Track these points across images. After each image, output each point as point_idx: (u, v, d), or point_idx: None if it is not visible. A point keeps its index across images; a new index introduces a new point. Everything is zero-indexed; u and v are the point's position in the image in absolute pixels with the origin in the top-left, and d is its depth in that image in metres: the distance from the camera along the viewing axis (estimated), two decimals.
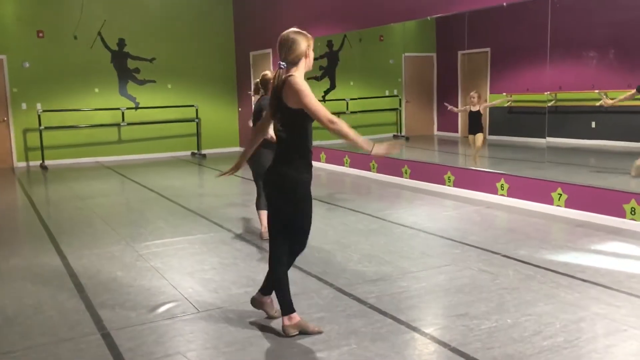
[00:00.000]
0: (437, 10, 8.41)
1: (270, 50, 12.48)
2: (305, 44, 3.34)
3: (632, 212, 5.66)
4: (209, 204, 7.60)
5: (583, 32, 10.80)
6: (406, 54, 14.86)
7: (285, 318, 3.42)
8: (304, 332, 3.41)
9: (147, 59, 12.80)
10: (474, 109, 8.68)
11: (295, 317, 3.42)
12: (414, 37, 14.77)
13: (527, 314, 3.67)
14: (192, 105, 13.13)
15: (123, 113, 12.59)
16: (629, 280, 4.24)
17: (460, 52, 14.33)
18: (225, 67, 13.72)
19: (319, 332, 3.43)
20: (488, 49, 13.55)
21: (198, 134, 13.28)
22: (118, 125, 12.63)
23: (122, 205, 7.84)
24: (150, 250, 5.38)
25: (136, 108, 12.79)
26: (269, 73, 5.44)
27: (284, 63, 3.30)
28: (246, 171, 10.03)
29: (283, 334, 3.41)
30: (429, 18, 9.93)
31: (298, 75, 3.27)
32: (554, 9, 7.89)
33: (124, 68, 12.66)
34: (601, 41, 11.16)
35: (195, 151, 13.26)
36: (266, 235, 5.44)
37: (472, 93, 8.78)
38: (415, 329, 3.50)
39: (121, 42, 12.58)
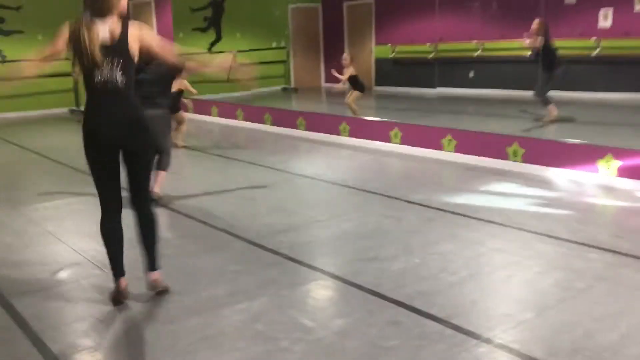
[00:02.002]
0: None
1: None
2: None
3: (515, 155, 6.10)
4: None
5: None
6: (291, 6, 14.74)
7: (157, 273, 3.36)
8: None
9: (12, 7, 11.64)
10: (346, 70, 8.61)
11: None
12: None
13: (432, 253, 3.88)
14: (67, 59, 12.17)
15: None
16: (518, 216, 4.60)
17: (345, 4, 14.46)
18: None
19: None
20: (372, 1, 13.76)
21: (75, 90, 12.40)
22: None
23: (0, 167, 7.23)
24: (40, 213, 5.03)
25: (3, 61, 11.68)
26: None
27: None
28: None
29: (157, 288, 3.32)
30: None
31: None
32: None
33: None
34: None
35: (74, 108, 12.41)
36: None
37: (344, 55, 8.83)
38: (330, 275, 3.58)
39: None
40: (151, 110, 5.16)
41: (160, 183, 5.36)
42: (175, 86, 7.74)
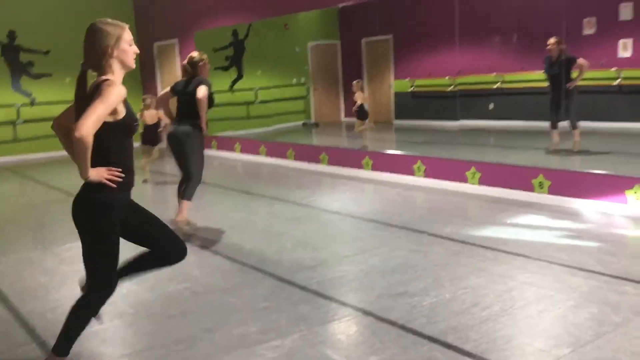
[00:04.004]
0: None
1: (176, 40, 12.14)
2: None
3: (540, 186, 6.07)
4: None
5: (481, 19, 11.36)
6: (311, 43, 15.01)
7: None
8: None
9: (41, 52, 12.03)
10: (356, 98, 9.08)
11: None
12: (318, 25, 14.91)
13: (462, 287, 3.86)
14: None
15: (18, 110, 11.79)
16: (546, 249, 4.56)
17: (364, 40, 14.68)
18: None
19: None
20: (390, 36, 13.96)
21: None
22: (13, 123, 11.81)
23: (30, 208, 7.36)
24: (72, 252, 5.10)
25: (32, 104, 12.02)
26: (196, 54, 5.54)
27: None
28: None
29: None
30: (339, 6, 10.03)
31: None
32: None
33: (16, 62, 11.83)
34: (499, 28, 11.78)
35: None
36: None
37: (354, 82, 9.26)
38: (361, 310, 3.58)
39: (11, 34, 11.73)
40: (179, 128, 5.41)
41: (183, 212, 5.43)
42: (150, 118, 8.06)
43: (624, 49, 9.99)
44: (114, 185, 2.76)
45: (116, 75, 2.73)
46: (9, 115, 11.76)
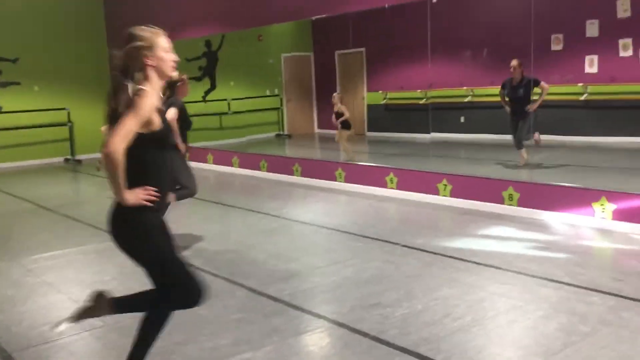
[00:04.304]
0: (319, 11, 8.57)
1: None
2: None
3: (510, 199, 6.17)
4: (95, 212, 7.18)
5: (453, 34, 11.53)
6: (285, 54, 15.06)
7: None
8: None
9: (9, 59, 11.81)
10: (335, 108, 9.29)
11: None
12: (291, 37, 14.97)
13: (434, 298, 3.89)
14: (64, 108, 12.31)
15: None
16: (517, 260, 4.63)
17: (337, 52, 14.78)
18: (99, 67, 12.97)
19: None
20: (363, 49, 14.09)
21: (71, 139, 12.48)
22: None
23: None
24: (39, 264, 5.00)
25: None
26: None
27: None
28: None
29: None
30: (313, 19, 10.09)
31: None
32: (433, 12, 8.35)
33: None
34: (470, 42, 11.98)
35: (69, 157, 12.47)
36: None
37: (334, 94, 9.49)
38: (334, 322, 3.57)
39: None
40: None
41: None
42: None
43: (590, 65, 10.25)
44: (152, 205, 2.56)
45: (153, 84, 2.57)
46: None
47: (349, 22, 12.80)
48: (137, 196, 2.50)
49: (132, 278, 4.54)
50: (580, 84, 10.20)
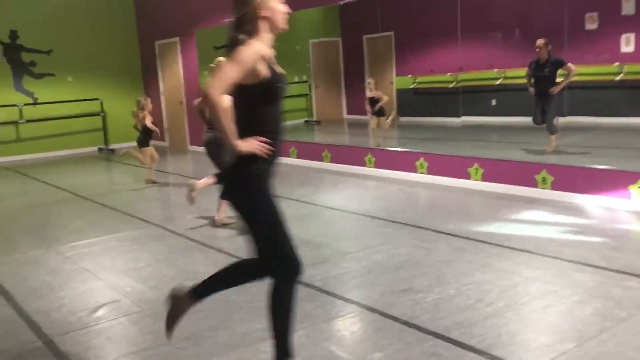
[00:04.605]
0: None
1: (177, 39, 12.13)
2: None
3: (544, 182, 6.07)
4: (129, 200, 7.33)
5: (483, 15, 11.33)
6: (313, 40, 15.00)
7: None
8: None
9: (43, 51, 12.04)
10: (370, 94, 9.25)
11: None
12: (319, 23, 14.89)
13: (467, 283, 3.86)
14: (97, 99, 12.53)
15: (21, 110, 11.81)
16: (551, 245, 4.56)
17: (365, 37, 14.66)
18: (130, 58, 13.17)
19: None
20: (392, 33, 13.94)
21: (104, 129, 12.71)
22: (15, 122, 11.83)
23: (34, 207, 7.38)
24: (76, 251, 5.12)
25: (35, 104, 12.03)
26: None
27: None
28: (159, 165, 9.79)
29: None
30: (340, 4, 10.04)
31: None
32: None
33: (19, 61, 11.84)
34: (501, 24, 11.75)
35: (102, 146, 12.70)
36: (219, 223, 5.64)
37: (368, 79, 9.44)
38: (365, 307, 3.58)
39: (13, 34, 11.75)
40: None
41: (221, 211, 5.63)
42: (146, 119, 8.00)
43: (627, 44, 9.96)
44: (265, 156, 2.49)
45: (262, 37, 2.50)
46: (11, 115, 11.78)
47: (377, 6, 12.67)
48: (250, 144, 2.44)
49: (166, 264, 4.64)
50: (616, 64, 9.93)
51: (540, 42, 7.96)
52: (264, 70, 2.44)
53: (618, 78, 9.98)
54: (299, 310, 3.54)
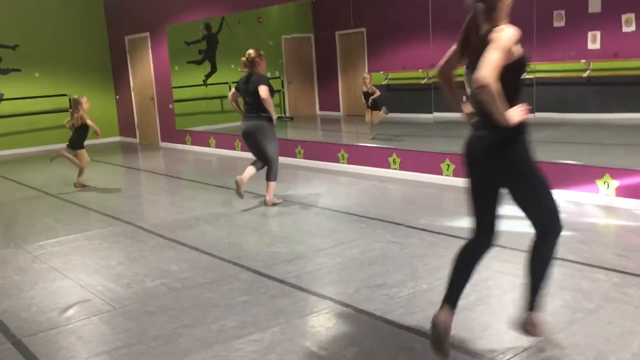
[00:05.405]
0: None
1: (147, 34, 11.97)
2: None
3: None
4: (99, 198, 7.22)
5: (453, 12, 11.41)
6: (285, 36, 14.95)
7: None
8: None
9: (9, 46, 11.76)
10: (365, 89, 9.34)
11: None
12: (291, 19, 14.85)
13: (439, 278, 3.90)
14: (65, 95, 12.29)
15: None
16: (521, 239, 4.60)
17: (337, 32, 14.66)
18: (99, 53, 12.96)
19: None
20: (364, 29, 13.98)
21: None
22: None
23: (1, 206, 7.21)
24: (46, 250, 5.03)
25: (0, 100, 11.75)
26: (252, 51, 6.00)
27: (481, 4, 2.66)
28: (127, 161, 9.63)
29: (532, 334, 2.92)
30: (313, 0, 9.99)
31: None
32: None
33: None
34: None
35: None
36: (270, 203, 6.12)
37: (364, 75, 9.59)
38: (339, 303, 3.60)
39: None
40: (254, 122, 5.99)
41: (270, 193, 6.15)
42: (81, 118, 7.45)
43: (593, 41, 10.16)
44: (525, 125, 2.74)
45: (503, 22, 2.64)
46: None
47: (349, 2, 12.69)
48: (517, 114, 2.63)
49: (138, 262, 4.58)
50: (583, 61, 10.12)
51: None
52: (518, 50, 2.64)
53: (585, 75, 10.17)
54: (273, 307, 3.56)
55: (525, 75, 2.91)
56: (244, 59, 6.10)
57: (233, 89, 6.30)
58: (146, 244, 5.07)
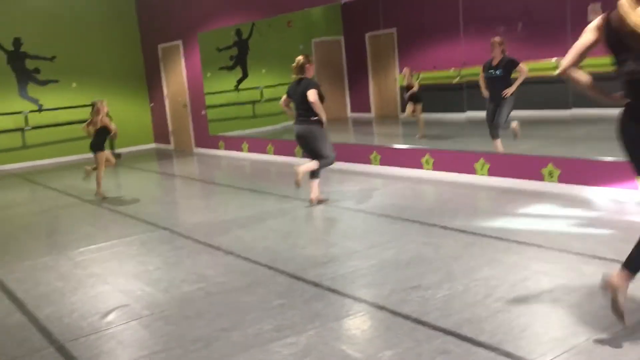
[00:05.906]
0: None
1: (180, 42, 12.16)
2: None
3: (550, 175, 6.05)
4: (135, 204, 7.36)
5: (484, 9, 11.29)
6: (315, 39, 15.00)
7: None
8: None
9: (47, 58, 12.10)
10: (405, 83, 9.44)
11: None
12: (321, 22, 14.89)
13: (475, 279, 3.86)
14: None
15: (26, 117, 11.87)
16: (559, 238, 4.55)
17: (367, 34, 14.64)
18: (133, 62, 13.23)
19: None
20: (394, 30, 13.92)
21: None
22: (22, 129, 11.90)
23: (43, 213, 7.42)
24: (86, 256, 5.15)
25: (40, 110, 12.09)
26: (301, 58, 6.27)
27: None
28: (170, 167, 9.80)
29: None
30: (342, 2, 10.04)
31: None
32: None
33: (23, 69, 11.90)
34: (503, 17, 11.71)
35: (109, 151, 12.73)
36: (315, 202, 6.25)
37: (404, 69, 9.64)
38: (375, 305, 3.59)
39: (17, 42, 11.80)
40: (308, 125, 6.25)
41: (315, 190, 6.31)
42: (101, 122, 7.65)
43: None
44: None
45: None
46: (17, 123, 11.85)
47: (379, 3, 12.65)
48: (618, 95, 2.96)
49: (175, 267, 4.65)
50: None
51: (494, 40, 7.77)
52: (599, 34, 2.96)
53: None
54: (308, 310, 3.57)
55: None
56: (294, 65, 6.37)
57: (284, 95, 6.53)
58: (183, 249, 5.14)
